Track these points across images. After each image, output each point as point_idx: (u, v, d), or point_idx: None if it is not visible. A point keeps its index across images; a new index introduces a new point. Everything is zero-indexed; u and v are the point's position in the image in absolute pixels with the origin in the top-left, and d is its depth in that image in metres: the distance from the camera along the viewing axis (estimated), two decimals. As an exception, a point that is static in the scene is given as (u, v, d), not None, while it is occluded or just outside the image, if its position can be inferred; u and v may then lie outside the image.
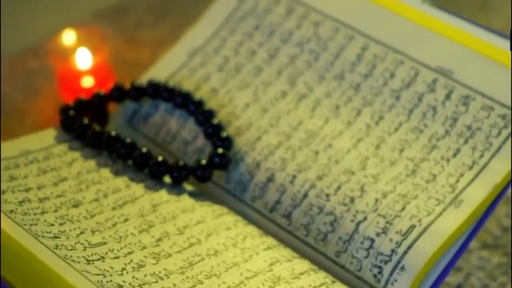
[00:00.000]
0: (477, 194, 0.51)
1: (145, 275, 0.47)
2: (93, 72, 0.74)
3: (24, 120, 0.76)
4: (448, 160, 0.53)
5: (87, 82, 0.74)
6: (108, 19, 0.85)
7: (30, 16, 0.89)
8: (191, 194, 0.55)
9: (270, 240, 0.53)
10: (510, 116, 0.53)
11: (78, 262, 0.47)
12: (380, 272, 0.50)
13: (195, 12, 0.67)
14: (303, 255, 0.53)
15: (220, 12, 0.63)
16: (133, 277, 0.47)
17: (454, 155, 0.53)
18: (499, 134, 0.53)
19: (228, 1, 0.63)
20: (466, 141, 0.53)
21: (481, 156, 0.53)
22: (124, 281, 0.46)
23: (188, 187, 0.56)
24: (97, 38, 0.75)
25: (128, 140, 0.57)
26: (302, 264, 0.51)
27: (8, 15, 0.87)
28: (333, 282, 0.50)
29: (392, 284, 0.50)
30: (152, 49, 0.81)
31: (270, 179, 0.55)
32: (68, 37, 0.74)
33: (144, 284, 0.47)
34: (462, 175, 0.52)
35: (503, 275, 0.62)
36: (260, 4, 0.62)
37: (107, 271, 0.47)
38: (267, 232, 0.54)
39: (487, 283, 0.61)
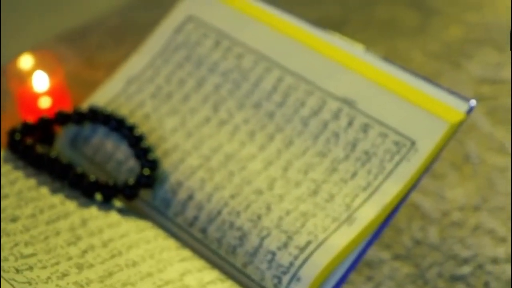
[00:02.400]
0: (368, 213, 0.58)
1: (67, 283, 0.54)
2: (50, 93, 0.80)
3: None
4: (346, 181, 0.59)
5: (45, 102, 0.80)
6: (69, 41, 0.92)
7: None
8: (119, 211, 0.62)
9: (186, 253, 0.59)
10: (402, 142, 0.59)
11: (8, 271, 0.53)
12: (279, 282, 0.57)
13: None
14: (215, 265, 0.59)
15: (156, 43, 0.70)
16: (57, 285, 0.54)
17: (352, 177, 0.60)
18: (392, 159, 0.59)
19: (163, 33, 0.70)
20: (363, 165, 0.60)
21: (375, 178, 0.59)
22: (47, 288, 0.53)
23: (117, 203, 0.63)
24: (53, 61, 0.81)
25: (65, 161, 0.63)
26: (211, 274, 0.57)
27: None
28: (237, 290, 0.57)
29: (289, 292, 0.56)
30: (109, 70, 0.87)
31: (191, 197, 0.62)
32: (26, 60, 0.80)
33: (65, 291, 0.53)
34: (357, 195, 0.59)
35: (412, 284, 0.68)
36: (192, 37, 0.69)
37: (34, 279, 0.53)
38: (186, 244, 0.61)
39: (396, 292, 0.67)
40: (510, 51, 0.60)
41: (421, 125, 0.59)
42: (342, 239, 0.57)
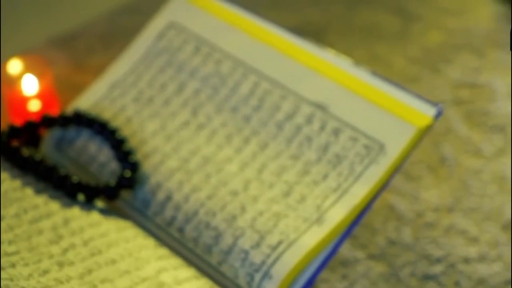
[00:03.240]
0: (338, 214, 0.60)
1: (48, 280, 0.56)
2: (39, 96, 0.83)
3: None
4: (317, 183, 0.62)
5: (34, 106, 0.83)
6: (59, 45, 0.94)
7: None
8: (100, 211, 0.64)
9: (163, 251, 0.62)
10: (371, 146, 0.62)
11: (-9, 269, 0.56)
12: (252, 280, 0.59)
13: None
14: (192, 264, 0.62)
15: (139, 48, 0.72)
16: (38, 281, 0.56)
17: (323, 179, 0.62)
18: (361, 161, 0.62)
19: (146, 39, 0.72)
20: (334, 167, 0.62)
21: (345, 180, 0.61)
22: (29, 285, 0.55)
23: (99, 204, 0.65)
24: (42, 65, 0.83)
25: (49, 163, 0.66)
26: (187, 272, 0.60)
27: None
28: (212, 287, 0.59)
29: (261, 290, 0.59)
30: (98, 74, 0.90)
31: (169, 198, 0.64)
32: (15, 64, 0.83)
33: (46, 287, 0.56)
34: (327, 197, 0.61)
35: (385, 283, 0.70)
36: (173, 43, 0.71)
37: (16, 276, 0.56)
38: (164, 243, 0.63)
39: (369, 290, 0.70)
40: (488, 57, 0.63)
41: (390, 129, 0.62)
42: (312, 238, 0.59)
